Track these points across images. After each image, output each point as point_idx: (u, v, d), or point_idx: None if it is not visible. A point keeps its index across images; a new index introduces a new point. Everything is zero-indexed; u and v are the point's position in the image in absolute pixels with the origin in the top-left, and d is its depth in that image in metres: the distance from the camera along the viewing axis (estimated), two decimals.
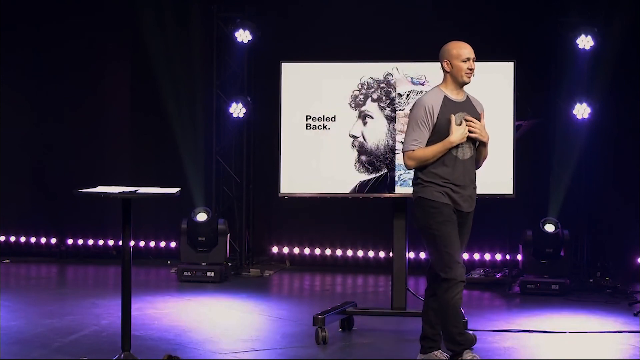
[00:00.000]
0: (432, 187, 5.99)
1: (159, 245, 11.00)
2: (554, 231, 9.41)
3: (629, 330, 7.52)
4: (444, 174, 5.97)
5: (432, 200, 5.98)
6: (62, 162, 10.94)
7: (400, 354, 6.76)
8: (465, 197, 5.99)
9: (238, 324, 7.81)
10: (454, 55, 6.01)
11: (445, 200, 5.96)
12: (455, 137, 5.93)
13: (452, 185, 5.96)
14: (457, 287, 5.90)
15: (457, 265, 5.90)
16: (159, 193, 6.11)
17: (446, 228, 5.94)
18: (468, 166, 6.01)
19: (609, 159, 9.91)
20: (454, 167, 5.97)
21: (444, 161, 5.97)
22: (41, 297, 8.85)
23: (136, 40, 10.67)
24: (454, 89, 6.05)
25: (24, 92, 11.02)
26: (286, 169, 7.29)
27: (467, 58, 5.99)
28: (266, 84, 9.60)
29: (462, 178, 5.98)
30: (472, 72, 6.01)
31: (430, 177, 5.99)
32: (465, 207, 6.01)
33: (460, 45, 6.05)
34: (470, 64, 6.00)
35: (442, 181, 5.97)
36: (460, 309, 5.99)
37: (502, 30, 9.89)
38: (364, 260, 10.69)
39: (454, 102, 6.01)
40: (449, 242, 5.93)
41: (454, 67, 6.01)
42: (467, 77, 6.01)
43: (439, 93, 6.05)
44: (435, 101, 6.00)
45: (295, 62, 7.44)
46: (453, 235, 5.94)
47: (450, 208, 5.96)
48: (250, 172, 10.64)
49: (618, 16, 9.45)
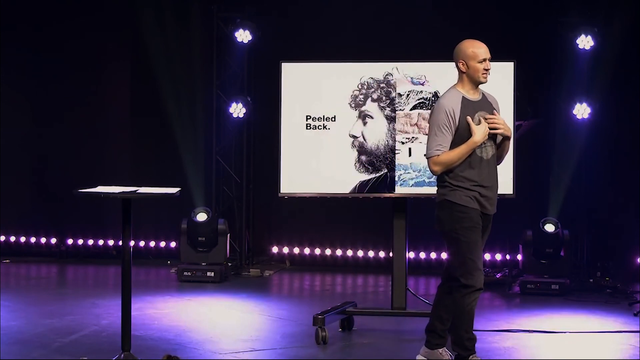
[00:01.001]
0: (460, 191, 5.91)
1: (159, 245, 11.00)
2: (554, 231, 9.41)
3: (629, 330, 7.52)
4: (472, 176, 5.90)
5: (461, 205, 5.90)
6: (62, 162, 10.93)
7: (400, 354, 6.76)
8: (491, 200, 5.95)
9: (238, 324, 7.81)
10: (470, 55, 5.93)
11: (474, 205, 5.91)
12: (479, 136, 5.86)
13: (480, 188, 5.90)
14: (475, 294, 5.91)
15: (479, 273, 5.88)
16: (159, 193, 6.11)
17: (472, 235, 5.89)
18: (492, 165, 5.97)
19: (609, 159, 9.90)
20: (480, 168, 5.92)
21: (470, 163, 5.90)
22: (41, 297, 8.85)
23: (136, 40, 10.67)
24: (470, 89, 5.98)
25: (24, 92, 11.02)
26: (286, 169, 7.29)
27: (484, 59, 5.92)
28: (266, 84, 9.60)
29: (488, 178, 5.94)
30: (488, 72, 5.95)
31: (459, 180, 5.91)
32: (491, 210, 5.97)
33: (476, 45, 5.96)
34: (487, 64, 5.93)
35: (470, 184, 5.90)
36: (473, 316, 5.96)
37: (502, 30, 9.89)
38: (364, 260, 10.69)
39: (472, 101, 5.96)
40: (474, 249, 5.89)
41: (470, 67, 5.94)
42: (483, 78, 5.95)
43: (457, 94, 5.97)
44: (455, 103, 5.92)
45: (295, 62, 7.45)
46: (478, 242, 5.91)
47: (477, 213, 5.92)
48: (250, 172, 10.64)
49: (618, 16, 9.45)
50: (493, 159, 5.99)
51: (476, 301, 5.93)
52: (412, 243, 8.13)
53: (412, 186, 7.19)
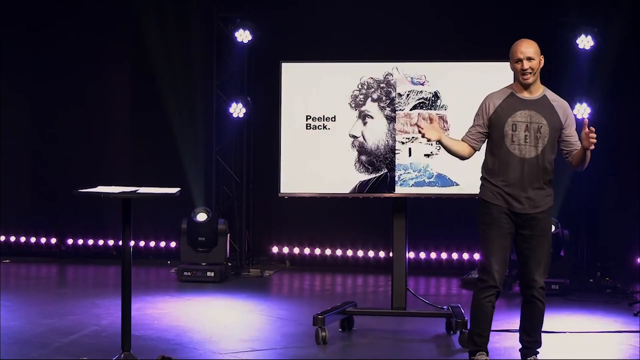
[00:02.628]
0: (486, 187, 5.97)
1: (159, 245, 11.00)
2: (554, 231, 9.39)
3: (629, 330, 7.52)
4: (499, 170, 5.91)
5: (484, 200, 5.96)
6: (62, 163, 10.94)
7: (400, 354, 6.76)
8: (521, 198, 5.88)
9: (238, 324, 7.81)
10: (510, 56, 5.96)
11: (496, 202, 5.90)
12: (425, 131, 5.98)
13: (505, 184, 5.88)
14: (488, 290, 5.92)
15: (493, 270, 5.87)
16: (159, 193, 6.11)
17: (491, 231, 5.90)
18: (532, 166, 5.89)
19: (609, 159, 9.90)
20: (508, 164, 5.88)
21: (501, 157, 5.90)
22: (41, 297, 8.84)
23: (136, 40, 10.67)
24: (521, 88, 5.96)
25: (23, 92, 11.02)
26: (286, 169, 7.29)
27: (519, 59, 5.89)
28: (266, 84, 9.59)
29: (519, 177, 5.88)
30: (527, 71, 5.87)
31: (487, 174, 5.98)
32: (521, 208, 5.88)
33: (516, 45, 5.94)
34: (524, 64, 5.87)
35: (496, 179, 5.91)
36: (488, 314, 5.96)
37: (502, 30, 9.87)
38: (364, 260, 10.69)
39: (521, 99, 5.93)
40: (491, 246, 5.89)
41: (512, 68, 5.97)
42: (523, 79, 5.90)
43: (507, 90, 6.00)
44: (497, 97, 5.97)
45: (295, 62, 7.44)
46: (497, 239, 5.89)
47: (500, 209, 5.89)
48: (250, 172, 10.64)
49: (618, 16, 9.45)
50: (538, 160, 5.90)
51: (490, 299, 5.92)
52: (412, 243, 8.13)
53: (412, 186, 7.19)
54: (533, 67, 5.89)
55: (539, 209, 5.92)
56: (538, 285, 5.93)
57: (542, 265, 5.93)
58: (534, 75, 5.93)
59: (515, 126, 5.90)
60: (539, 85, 6.01)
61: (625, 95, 9.81)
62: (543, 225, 5.94)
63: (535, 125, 5.90)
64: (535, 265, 5.92)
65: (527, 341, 6.06)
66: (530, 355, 6.05)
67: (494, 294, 5.93)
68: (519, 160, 5.88)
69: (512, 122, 5.90)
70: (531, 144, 5.91)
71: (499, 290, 5.94)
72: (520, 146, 5.89)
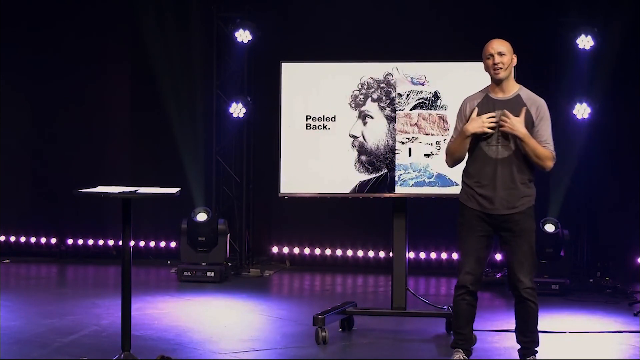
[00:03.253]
0: (463, 189, 6.06)
1: (159, 245, 11.00)
2: (554, 231, 9.41)
3: (629, 330, 7.52)
4: (474, 171, 5.98)
5: (460, 202, 6.06)
6: (62, 163, 10.94)
7: (400, 354, 6.76)
8: (494, 199, 5.91)
9: (238, 324, 7.81)
10: (482, 55, 6.02)
11: (469, 204, 5.99)
12: (469, 125, 5.92)
13: (478, 186, 5.94)
14: (459, 290, 6.03)
15: (464, 271, 5.98)
16: (159, 193, 6.11)
17: (463, 232, 6.01)
18: (505, 166, 5.92)
19: (609, 159, 9.91)
20: (482, 165, 5.94)
21: (475, 158, 5.97)
22: (41, 297, 8.84)
23: (136, 40, 10.67)
24: (495, 87, 6.02)
25: (24, 92, 11.02)
26: (286, 169, 7.28)
27: (490, 54, 5.96)
28: (266, 84, 9.60)
29: (491, 177, 5.92)
30: (497, 65, 5.94)
31: (464, 176, 6.07)
32: (493, 209, 5.92)
33: (487, 44, 6.02)
34: (495, 59, 5.94)
35: (470, 180, 5.99)
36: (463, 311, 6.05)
37: (501, 30, 9.84)
38: (364, 260, 10.69)
39: (494, 99, 5.99)
40: (463, 248, 6.02)
41: (485, 68, 6.02)
42: (494, 74, 5.97)
43: (481, 92, 6.06)
44: (474, 99, 6.04)
45: (295, 62, 7.44)
46: (468, 241, 5.98)
47: (472, 212, 5.97)
48: (250, 172, 10.64)
49: (618, 16, 9.45)
50: (509, 161, 5.92)
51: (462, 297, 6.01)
52: (412, 243, 8.12)
53: (412, 186, 7.19)
54: (504, 62, 5.95)
55: (515, 210, 5.95)
56: (524, 285, 5.95)
57: (526, 266, 5.94)
58: (505, 71, 5.97)
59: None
60: (513, 84, 6.05)
61: (625, 95, 9.81)
62: (522, 225, 5.96)
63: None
64: (517, 266, 5.95)
65: (524, 341, 6.09)
66: (529, 355, 6.06)
67: (465, 292, 6.01)
68: (493, 161, 5.94)
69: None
70: (504, 144, 5.94)
71: (470, 289, 6.00)
72: (494, 147, 5.94)
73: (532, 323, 6.05)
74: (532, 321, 6.05)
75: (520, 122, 5.90)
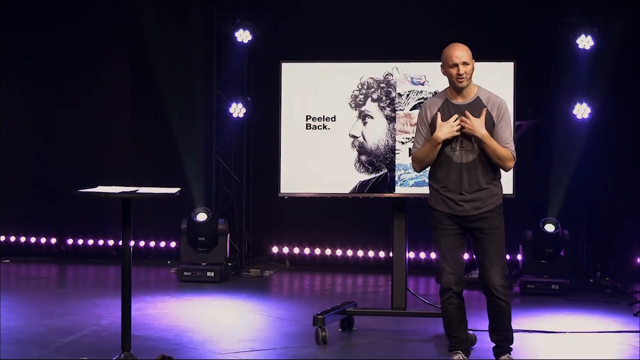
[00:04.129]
0: (431, 193, 6.10)
1: (159, 245, 11.00)
2: (554, 231, 9.41)
3: (629, 330, 7.52)
4: (440, 176, 6.02)
5: (430, 206, 6.10)
6: (62, 163, 10.93)
7: (400, 354, 6.76)
8: (462, 201, 5.95)
9: (238, 324, 7.81)
10: (444, 60, 6.01)
11: (439, 207, 6.04)
12: (440, 132, 5.91)
13: (445, 190, 5.99)
14: (445, 293, 6.04)
15: (444, 273, 6.00)
16: (159, 193, 6.12)
17: (437, 234, 6.06)
18: (470, 170, 5.95)
19: (609, 159, 9.90)
20: (449, 170, 5.98)
21: (441, 163, 6.00)
22: (41, 297, 8.84)
23: (136, 40, 10.66)
24: (455, 92, 6.03)
25: (24, 92, 11.01)
26: (286, 169, 7.29)
27: (455, 63, 5.93)
28: (266, 84, 9.60)
29: (458, 181, 5.96)
30: (462, 76, 5.92)
31: (431, 180, 6.11)
32: (462, 211, 5.96)
33: (450, 49, 5.99)
34: (460, 69, 5.91)
35: (438, 185, 6.03)
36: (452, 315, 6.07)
37: (502, 31, 9.89)
38: (364, 260, 10.69)
39: (455, 105, 6.00)
40: (440, 250, 6.06)
41: (446, 72, 6.01)
42: (458, 83, 5.96)
43: (441, 96, 6.07)
44: (434, 104, 6.04)
45: (295, 62, 7.45)
46: (443, 242, 6.02)
47: (443, 215, 6.01)
48: (250, 172, 10.63)
49: (618, 16, 9.44)
50: (474, 164, 5.95)
51: (450, 301, 6.03)
52: (412, 243, 8.11)
53: (412, 186, 7.19)
54: (467, 72, 5.95)
55: (483, 209, 5.98)
56: (497, 284, 5.97)
57: (496, 263, 5.97)
58: (468, 80, 5.98)
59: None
60: (472, 88, 6.05)
61: (625, 95, 9.81)
62: (491, 223, 5.99)
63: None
64: (488, 263, 5.98)
65: (497, 340, 6.13)
66: (503, 354, 6.10)
67: (451, 296, 6.03)
68: (458, 166, 5.96)
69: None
70: (468, 148, 5.97)
71: (455, 291, 6.02)
72: (458, 152, 5.97)
73: (506, 321, 6.08)
74: (505, 319, 6.07)
75: (481, 123, 5.91)
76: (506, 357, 6.08)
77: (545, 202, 9.59)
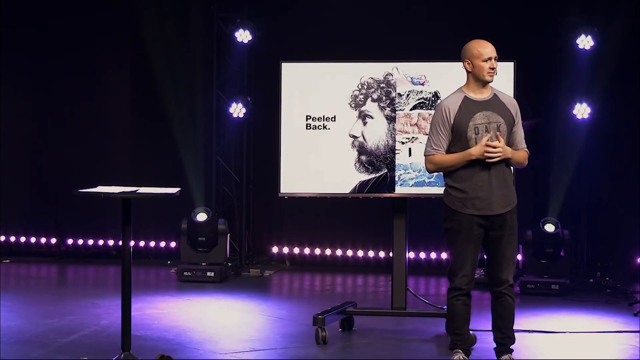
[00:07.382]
0: (452, 195, 6.01)
1: (159, 245, 11.00)
2: (554, 231, 9.41)
3: (629, 330, 7.52)
4: (465, 175, 5.94)
5: (452, 210, 6.02)
6: (62, 163, 10.93)
7: (400, 354, 6.76)
8: (491, 201, 5.93)
9: (238, 324, 7.81)
10: (475, 54, 5.99)
11: (466, 211, 5.96)
12: (475, 150, 5.90)
13: (472, 189, 5.93)
14: (454, 292, 6.04)
15: (461, 275, 5.99)
16: (159, 193, 6.12)
17: (459, 238, 5.99)
18: (497, 167, 5.94)
19: (609, 159, 9.91)
20: (476, 169, 5.92)
21: (467, 167, 5.94)
22: (41, 297, 8.84)
23: (136, 40, 10.66)
24: (476, 88, 6.02)
25: (24, 93, 11.02)
26: (286, 169, 7.29)
27: (489, 57, 5.98)
28: (266, 84, 9.60)
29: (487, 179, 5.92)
30: (494, 71, 6.00)
31: (453, 181, 6.01)
32: (491, 211, 5.94)
33: (481, 45, 6.02)
34: (492, 63, 5.98)
35: (461, 184, 5.96)
36: (459, 313, 6.06)
37: (502, 31, 9.87)
38: (364, 260, 10.69)
39: (475, 101, 5.98)
40: (461, 254, 5.99)
41: (476, 66, 5.98)
42: (489, 76, 6.00)
43: (459, 94, 6.04)
44: (453, 103, 5.99)
45: (295, 62, 7.45)
46: (466, 246, 5.98)
47: (468, 217, 5.95)
48: (250, 172, 10.64)
49: (618, 16, 9.45)
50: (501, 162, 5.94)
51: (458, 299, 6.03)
52: (412, 243, 8.11)
53: (412, 186, 7.19)
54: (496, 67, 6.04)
55: (508, 208, 6.01)
56: (507, 282, 6.03)
57: (512, 262, 6.06)
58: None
59: (477, 129, 5.95)
60: (488, 86, 6.08)
61: (625, 95, 9.81)
62: (511, 224, 6.03)
63: (494, 125, 5.97)
64: (505, 264, 6.01)
65: (500, 338, 6.13)
66: (505, 354, 6.10)
67: (461, 293, 6.03)
68: (487, 165, 5.93)
69: (473, 126, 5.95)
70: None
71: (465, 290, 6.03)
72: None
73: (510, 319, 6.11)
74: (509, 317, 6.10)
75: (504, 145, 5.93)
76: (507, 357, 6.07)
77: (545, 202, 9.59)
